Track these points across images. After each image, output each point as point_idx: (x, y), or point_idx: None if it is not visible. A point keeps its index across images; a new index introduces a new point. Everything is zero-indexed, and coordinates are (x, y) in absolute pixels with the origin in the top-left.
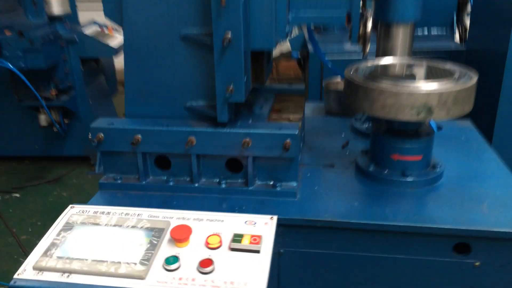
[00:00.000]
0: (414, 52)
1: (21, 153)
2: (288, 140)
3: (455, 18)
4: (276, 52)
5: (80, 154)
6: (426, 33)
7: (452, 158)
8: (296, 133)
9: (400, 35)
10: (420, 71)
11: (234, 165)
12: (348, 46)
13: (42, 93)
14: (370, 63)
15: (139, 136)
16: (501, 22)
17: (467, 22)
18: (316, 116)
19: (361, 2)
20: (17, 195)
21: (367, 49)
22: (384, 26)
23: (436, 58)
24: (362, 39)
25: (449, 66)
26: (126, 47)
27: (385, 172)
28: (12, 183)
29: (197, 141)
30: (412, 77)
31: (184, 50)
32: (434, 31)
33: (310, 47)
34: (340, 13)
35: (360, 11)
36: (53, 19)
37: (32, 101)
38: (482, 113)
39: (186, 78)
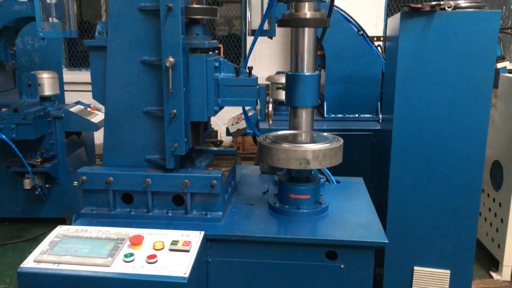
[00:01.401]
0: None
1: (2, 214)
2: (214, 181)
3: (379, 105)
4: (233, 129)
5: (58, 216)
6: (356, 116)
7: (340, 200)
8: (220, 176)
9: (304, 115)
10: (307, 137)
11: (178, 200)
12: None
13: (28, 160)
14: (275, 133)
15: (111, 178)
16: (390, 107)
17: None
18: (253, 175)
19: (265, 92)
20: None
21: (271, 122)
22: (292, 109)
23: (363, 135)
24: (267, 116)
25: (326, 134)
26: (106, 117)
27: (286, 207)
28: None
29: (152, 182)
30: (300, 141)
31: (145, 120)
32: (363, 116)
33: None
34: (252, 99)
35: (266, 98)
36: (44, 98)
37: (18, 167)
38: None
39: (146, 139)
